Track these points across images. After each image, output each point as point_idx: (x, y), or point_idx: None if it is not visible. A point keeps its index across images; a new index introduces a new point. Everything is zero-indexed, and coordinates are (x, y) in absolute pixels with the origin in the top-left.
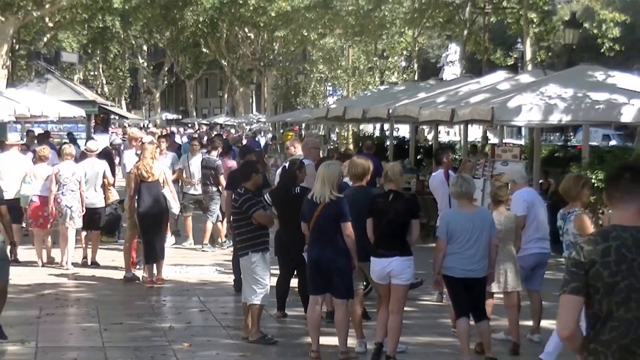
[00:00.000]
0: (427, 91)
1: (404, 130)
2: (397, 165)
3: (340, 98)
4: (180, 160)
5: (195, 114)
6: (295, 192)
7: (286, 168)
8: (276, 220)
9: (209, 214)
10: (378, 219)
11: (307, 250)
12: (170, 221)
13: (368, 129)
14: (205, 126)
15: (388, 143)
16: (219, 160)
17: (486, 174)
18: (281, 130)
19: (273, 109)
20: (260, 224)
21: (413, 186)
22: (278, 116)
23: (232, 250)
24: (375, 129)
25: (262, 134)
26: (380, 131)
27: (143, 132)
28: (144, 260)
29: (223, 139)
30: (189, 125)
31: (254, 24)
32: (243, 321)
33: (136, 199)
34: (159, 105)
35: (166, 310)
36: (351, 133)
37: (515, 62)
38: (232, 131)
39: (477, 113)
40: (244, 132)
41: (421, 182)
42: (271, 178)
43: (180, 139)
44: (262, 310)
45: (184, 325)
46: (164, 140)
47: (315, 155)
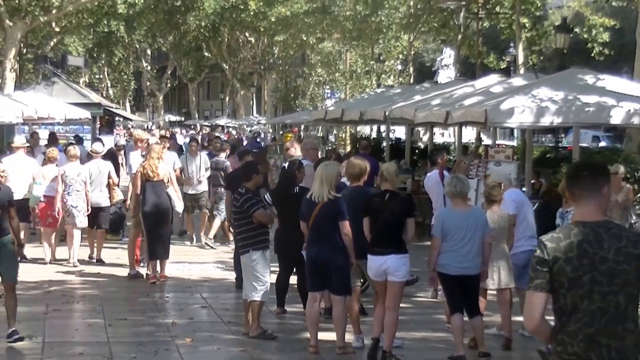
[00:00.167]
0: (423, 94)
1: (400, 131)
2: (393, 165)
3: (338, 100)
4: (179, 161)
5: (197, 116)
6: (295, 192)
7: (285, 168)
8: (276, 219)
9: (218, 212)
10: (374, 218)
11: (306, 248)
12: (175, 220)
13: (365, 131)
14: (207, 128)
15: (384, 144)
16: (228, 161)
17: (480, 174)
18: (281, 132)
19: (273, 111)
20: (261, 222)
21: (409, 186)
22: (278, 118)
23: (233, 248)
24: (372, 130)
25: (263, 135)
26: (377, 133)
27: (148, 134)
28: (147, 257)
29: (223, 141)
30: (191, 127)
31: (254, 28)
32: (244, 317)
33: (141, 198)
34: (162, 108)
35: (169, 307)
36: (349, 134)
37: (508, 66)
38: (233, 132)
39: (471, 115)
40: (244, 134)
41: (416, 182)
42: (273, 178)
43: (183, 140)
44: (262, 306)
45: (187, 321)
46: (165, 140)
47: (313, 156)
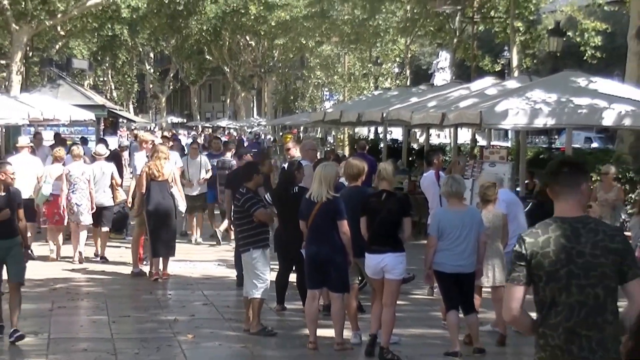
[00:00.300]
0: (419, 96)
1: (397, 133)
2: (390, 164)
3: (336, 102)
4: (180, 160)
5: (199, 117)
6: (294, 192)
7: (285, 169)
8: (276, 218)
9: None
10: (372, 217)
11: (305, 247)
12: (178, 220)
13: (363, 132)
14: (209, 129)
15: (382, 145)
16: (234, 161)
17: (475, 174)
18: (280, 133)
19: (273, 113)
20: (261, 221)
21: (405, 186)
22: (278, 119)
23: (234, 247)
24: (369, 131)
25: (263, 136)
26: (375, 134)
27: (153, 135)
28: (150, 255)
29: (229, 141)
30: (193, 128)
31: (255, 32)
32: (244, 314)
33: (145, 197)
34: (165, 109)
35: (171, 304)
36: (347, 136)
37: (503, 69)
38: (234, 133)
39: (466, 117)
40: (245, 135)
41: (413, 182)
42: (274, 179)
43: (185, 142)
44: (263, 303)
45: (189, 317)
46: (166, 140)
47: (312, 157)
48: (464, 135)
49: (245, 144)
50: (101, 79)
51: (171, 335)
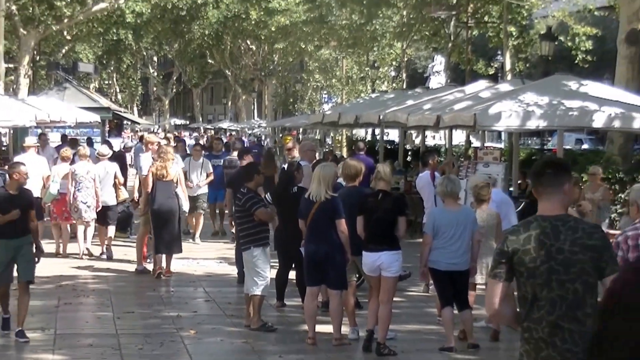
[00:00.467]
0: (415, 99)
1: (393, 134)
2: (388, 165)
3: (334, 105)
4: (181, 162)
5: (201, 119)
6: (293, 192)
7: (285, 170)
8: (276, 217)
9: None
10: (369, 216)
11: (304, 245)
12: (182, 219)
13: (360, 134)
14: (211, 131)
15: (379, 146)
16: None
17: (469, 175)
18: (280, 135)
19: (273, 115)
20: (262, 220)
21: (401, 186)
22: (277, 121)
23: (235, 245)
24: (367, 133)
25: (264, 138)
26: (372, 135)
27: (157, 137)
28: (153, 252)
29: (224, 143)
30: (195, 130)
31: (255, 37)
32: (245, 310)
33: (151, 197)
34: (168, 112)
35: (174, 300)
36: (345, 137)
37: (496, 72)
38: (235, 134)
39: (461, 119)
40: (246, 136)
41: (409, 183)
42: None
43: (188, 143)
44: (263, 300)
45: (191, 314)
46: (167, 141)
47: (311, 157)
48: (459, 137)
49: (246, 144)
50: (106, 82)
51: (174, 330)
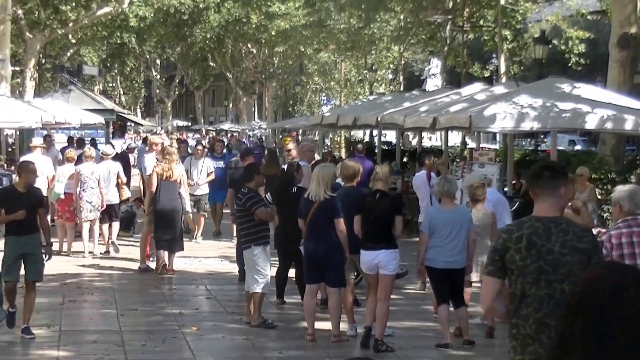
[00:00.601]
0: (412, 101)
1: (390, 135)
2: (386, 166)
3: (333, 107)
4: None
5: (203, 121)
6: (293, 192)
7: (285, 170)
8: (276, 216)
9: None
10: (366, 215)
11: (304, 244)
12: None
13: (358, 135)
14: (212, 132)
15: (377, 147)
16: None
17: (465, 175)
18: (280, 136)
19: (273, 117)
20: (262, 220)
21: (399, 186)
22: (277, 123)
23: (236, 244)
24: (364, 134)
25: (265, 139)
26: (370, 137)
27: (162, 138)
28: (155, 249)
29: (225, 144)
30: (197, 131)
31: (256, 40)
32: (246, 307)
33: (155, 196)
34: (171, 114)
35: (176, 298)
36: (343, 138)
37: (491, 75)
38: (236, 135)
39: (457, 121)
40: (247, 138)
41: (406, 183)
42: None
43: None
44: (263, 297)
45: (193, 311)
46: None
47: (310, 158)
48: (455, 138)
49: (247, 145)
50: (110, 85)
51: (176, 327)
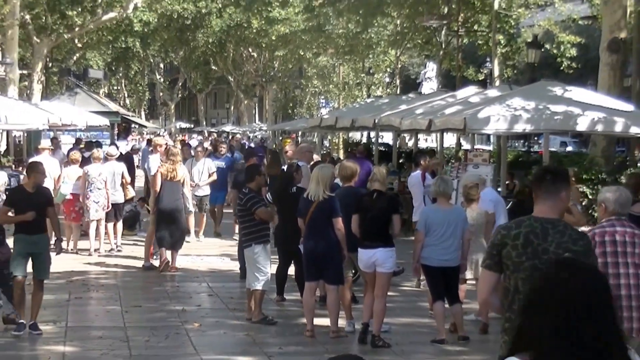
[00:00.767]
0: (408, 103)
1: (387, 137)
2: (383, 168)
3: (332, 109)
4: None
5: (205, 123)
6: (293, 192)
7: (285, 171)
8: (276, 216)
9: None
10: (364, 215)
11: (303, 242)
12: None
13: (356, 137)
14: (214, 134)
15: (374, 149)
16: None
17: (459, 175)
18: (280, 138)
19: (273, 119)
20: (262, 219)
21: (395, 186)
22: (278, 125)
23: (238, 242)
24: (362, 136)
25: (266, 140)
26: (367, 138)
27: (165, 140)
28: (157, 245)
29: (229, 146)
30: (199, 133)
31: (257, 44)
32: (247, 304)
33: (160, 195)
34: (174, 116)
35: (179, 295)
36: (341, 140)
37: (485, 78)
38: (238, 136)
39: (452, 122)
40: (249, 140)
41: (402, 183)
42: None
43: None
44: (264, 294)
45: (195, 307)
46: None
47: (308, 158)
48: (450, 140)
49: (246, 146)
50: (115, 88)
51: (179, 323)
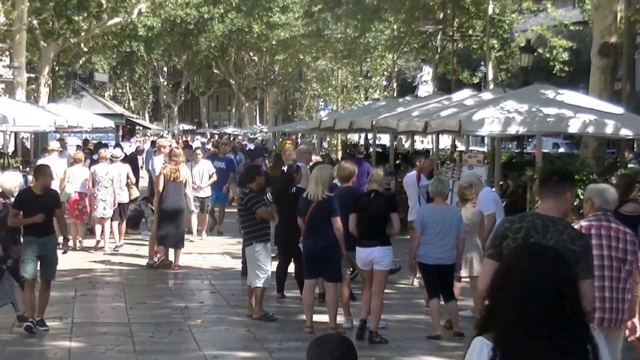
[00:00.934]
0: (405, 106)
1: (385, 139)
2: (381, 169)
3: (330, 112)
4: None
5: (207, 125)
6: (292, 192)
7: (285, 171)
8: (276, 215)
9: None
10: (362, 214)
11: (303, 241)
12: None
13: (354, 138)
14: (216, 135)
15: (371, 150)
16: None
17: (454, 176)
18: (280, 139)
19: (273, 121)
20: (263, 218)
21: (392, 187)
22: (278, 127)
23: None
24: (360, 138)
25: (267, 142)
26: (365, 140)
27: (169, 141)
28: (157, 243)
29: (233, 147)
30: (202, 135)
31: (258, 49)
32: (248, 301)
33: (162, 195)
34: (177, 118)
35: (182, 292)
36: (340, 142)
37: (480, 82)
38: (239, 138)
39: (447, 125)
40: (250, 141)
41: (399, 183)
42: None
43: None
44: (264, 292)
45: (198, 304)
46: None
47: (307, 159)
48: (445, 141)
49: (247, 147)
50: (120, 91)
51: (182, 320)
